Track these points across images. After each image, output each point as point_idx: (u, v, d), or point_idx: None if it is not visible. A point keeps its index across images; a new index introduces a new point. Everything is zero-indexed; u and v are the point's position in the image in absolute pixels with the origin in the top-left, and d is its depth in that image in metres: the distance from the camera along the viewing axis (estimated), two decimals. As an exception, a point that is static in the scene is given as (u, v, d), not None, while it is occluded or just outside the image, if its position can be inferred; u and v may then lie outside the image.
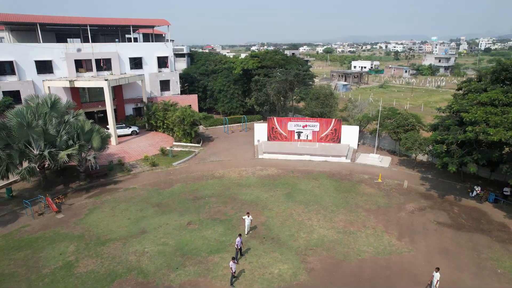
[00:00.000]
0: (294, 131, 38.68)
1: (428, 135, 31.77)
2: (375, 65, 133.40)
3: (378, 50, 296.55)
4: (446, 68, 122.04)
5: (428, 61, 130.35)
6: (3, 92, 39.15)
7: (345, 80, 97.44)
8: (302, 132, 38.56)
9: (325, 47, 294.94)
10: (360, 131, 38.91)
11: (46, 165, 28.03)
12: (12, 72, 40.00)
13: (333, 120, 37.87)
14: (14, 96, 39.35)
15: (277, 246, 20.40)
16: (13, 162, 25.52)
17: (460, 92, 29.76)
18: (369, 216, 23.91)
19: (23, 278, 17.73)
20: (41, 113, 27.43)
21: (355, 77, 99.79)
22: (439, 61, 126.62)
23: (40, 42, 41.98)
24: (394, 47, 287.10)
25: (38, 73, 41.18)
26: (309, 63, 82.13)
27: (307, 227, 22.41)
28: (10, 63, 39.69)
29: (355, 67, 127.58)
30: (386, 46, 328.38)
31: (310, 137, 38.53)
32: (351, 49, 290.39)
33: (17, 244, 20.79)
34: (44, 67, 41.58)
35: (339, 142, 38.02)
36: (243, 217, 21.66)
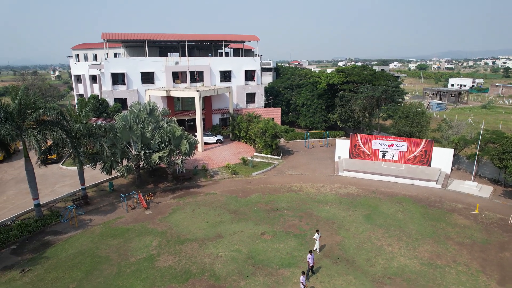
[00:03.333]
0: (378, 150, 36.59)
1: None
2: (477, 83, 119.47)
3: (483, 67, 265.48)
4: None
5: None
6: (114, 99, 45.22)
7: (440, 99, 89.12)
8: (387, 152, 36.26)
9: (418, 63, 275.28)
10: (454, 155, 35.03)
11: (141, 165, 31.22)
12: (123, 82, 46.03)
13: (424, 140, 34.84)
14: (122, 102, 45.17)
15: (352, 269, 19.29)
16: (116, 160, 29.09)
17: None
18: (461, 250, 21.17)
19: (115, 263, 19.86)
20: (141, 118, 30.88)
21: (452, 96, 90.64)
22: None
23: (146, 56, 47.54)
24: (504, 63, 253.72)
25: (142, 83, 46.63)
26: (399, 80, 77.30)
27: (387, 253, 20.77)
28: (122, 74, 45.75)
29: (452, 85, 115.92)
30: (493, 62, 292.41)
31: (396, 158, 36.00)
32: (449, 66, 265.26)
33: (113, 232, 23.46)
34: (147, 78, 46.90)
35: (429, 165, 34.72)
36: (314, 237, 20.94)
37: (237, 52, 65.48)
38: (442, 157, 34.28)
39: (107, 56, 46.04)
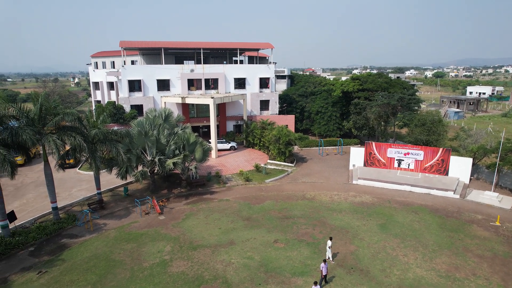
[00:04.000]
0: (394, 158, 36.01)
1: None
2: (497, 91, 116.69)
3: (503, 74, 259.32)
4: None
5: None
6: (131, 105, 46.06)
7: (458, 107, 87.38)
8: (403, 160, 35.65)
9: (435, 71, 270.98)
10: (473, 164, 34.14)
11: (155, 171, 31.55)
12: (139, 89, 46.89)
13: (441, 149, 34.11)
14: (138, 109, 45.93)
15: (366, 279, 18.91)
16: (131, 165, 29.52)
17: None
18: (481, 263, 20.48)
19: (128, 267, 20.03)
20: (156, 124, 31.32)
21: (470, 104, 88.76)
22: None
23: (162, 64, 48.38)
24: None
25: (158, 90, 47.38)
26: (415, 87, 76.27)
27: (402, 264, 20.29)
28: (139, 81, 46.62)
29: (471, 93, 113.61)
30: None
31: (412, 166, 35.33)
32: (467, 73, 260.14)
33: (126, 236, 23.71)
34: (163, 85, 47.65)
35: (446, 174, 33.93)
36: (328, 246, 20.57)
37: (251, 60, 65.91)
38: (460, 166, 33.46)
39: (124, 64, 47.05)
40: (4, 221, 22.60)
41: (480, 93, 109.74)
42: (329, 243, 20.41)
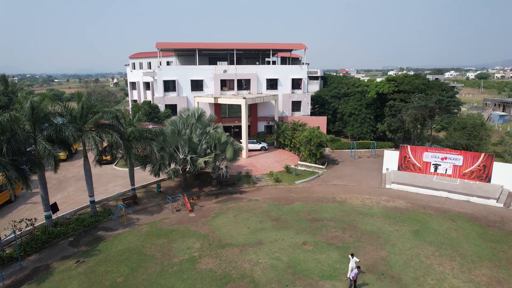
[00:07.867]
0: (430, 162, 34.51)
1: None
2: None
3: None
4: None
5: None
6: (165, 105, 47.45)
7: (503, 110, 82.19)
8: (440, 165, 34.07)
9: (478, 72, 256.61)
10: (520, 172, 31.95)
11: (187, 169, 32.27)
12: (173, 89, 48.20)
13: (482, 154, 32.24)
14: (172, 108, 47.24)
15: (397, 286, 18.23)
16: (164, 163, 30.38)
17: None
18: (526, 277, 19.13)
19: (158, 262, 20.63)
20: (189, 124, 32.05)
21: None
22: None
23: (196, 64, 49.44)
24: None
25: (191, 90, 48.46)
26: (455, 89, 72.62)
27: (437, 273, 19.38)
28: (173, 81, 47.92)
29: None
30: None
31: (449, 172, 33.68)
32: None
33: (158, 232, 24.43)
34: (196, 85, 48.68)
35: (489, 181, 32.02)
36: (349, 255, 19.59)
37: (284, 61, 65.73)
38: (505, 173, 31.40)
39: (160, 64, 48.55)
40: (48, 211, 24.06)
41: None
42: (351, 261, 18.57)
